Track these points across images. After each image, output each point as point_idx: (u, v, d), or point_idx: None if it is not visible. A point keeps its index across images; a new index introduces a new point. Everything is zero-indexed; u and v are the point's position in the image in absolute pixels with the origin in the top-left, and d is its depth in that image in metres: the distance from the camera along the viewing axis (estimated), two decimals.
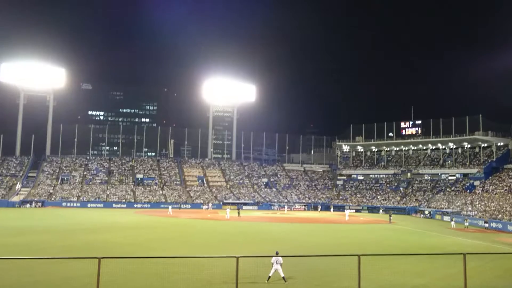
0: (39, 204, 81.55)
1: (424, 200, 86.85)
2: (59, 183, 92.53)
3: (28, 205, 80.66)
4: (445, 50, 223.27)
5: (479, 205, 70.98)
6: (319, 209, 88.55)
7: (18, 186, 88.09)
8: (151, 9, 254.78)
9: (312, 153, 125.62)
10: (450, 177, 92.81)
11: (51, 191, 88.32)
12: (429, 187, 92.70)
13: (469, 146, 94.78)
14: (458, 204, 76.59)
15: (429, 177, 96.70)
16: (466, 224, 56.45)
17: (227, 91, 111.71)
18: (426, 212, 78.34)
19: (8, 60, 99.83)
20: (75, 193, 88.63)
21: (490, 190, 76.28)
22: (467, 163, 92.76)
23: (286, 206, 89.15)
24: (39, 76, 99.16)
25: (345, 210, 76.16)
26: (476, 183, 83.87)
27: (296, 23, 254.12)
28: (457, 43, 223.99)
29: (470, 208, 71.01)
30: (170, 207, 73.25)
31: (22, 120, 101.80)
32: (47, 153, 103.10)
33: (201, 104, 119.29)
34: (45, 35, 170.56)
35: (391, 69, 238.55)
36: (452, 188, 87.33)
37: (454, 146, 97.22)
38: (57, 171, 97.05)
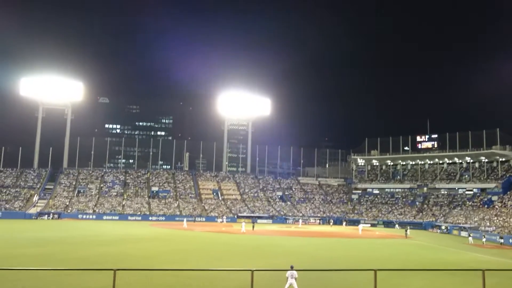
0: (56, 216, 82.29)
1: (441, 215, 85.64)
2: (75, 195, 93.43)
3: (45, 217, 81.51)
4: (462, 63, 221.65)
5: (497, 220, 69.76)
6: (331, 223, 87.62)
7: (36, 198, 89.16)
8: (167, 23, 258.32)
9: (327, 166, 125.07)
10: (467, 192, 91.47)
11: (67, 203, 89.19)
12: (445, 202, 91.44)
13: (486, 160, 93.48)
14: (475, 219, 75.40)
15: (445, 192, 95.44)
16: (484, 240, 55.53)
17: (242, 105, 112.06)
18: (443, 227, 77.20)
19: (27, 74, 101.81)
20: (91, 205, 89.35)
21: (509, 205, 74.97)
22: (485, 178, 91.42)
23: (300, 220, 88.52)
24: (57, 90, 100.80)
25: (359, 224, 75.51)
26: (494, 198, 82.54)
27: (311, 37, 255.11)
28: (474, 56, 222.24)
29: (488, 224, 69.81)
30: (185, 219, 73.59)
31: (40, 133, 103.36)
32: (64, 166, 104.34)
33: (216, 118, 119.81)
34: (64, 49, 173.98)
35: (406, 82, 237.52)
36: (470, 203, 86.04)
37: (471, 161, 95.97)
38: (73, 183, 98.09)
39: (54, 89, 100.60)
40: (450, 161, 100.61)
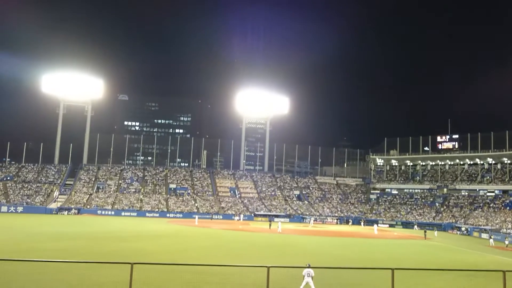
0: (75, 211, 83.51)
1: (461, 217, 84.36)
2: (94, 191, 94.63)
3: (65, 212, 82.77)
4: (483, 63, 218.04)
5: None
6: (350, 223, 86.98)
7: (56, 193, 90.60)
8: (186, 22, 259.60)
9: (345, 166, 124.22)
10: (488, 193, 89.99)
11: (87, 199, 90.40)
12: (466, 203, 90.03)
13: (509, 161, 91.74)
14: (497, 221, 74.10)
15: (466, 193, 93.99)
16: (506, 242, 54.48)
17: (260, 103, 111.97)
18: (463, 229, 76.05)
19: (49, 71, 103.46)
20: (110, 201, 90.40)
21: None
22: (507, 180, 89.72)
23: (312, 219, 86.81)
24: (78, 87, 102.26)
25: (374, 224, 74.96)
26: None
27: (331, 36, 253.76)
28: (496, 55, 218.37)
29: (510, 226, 68.54)
30: (196, 217, 74.63)
31: (61, 130, 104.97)
32: (84, 162, 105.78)
33: (234, 116, 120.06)
34: (85, 47, 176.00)
35: (427, 82, 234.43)
36: (491, 205, 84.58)
37: (493, 162, 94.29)
38: (93, 179, 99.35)
39: (74, 86, 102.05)
40: (471, 162, 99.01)
